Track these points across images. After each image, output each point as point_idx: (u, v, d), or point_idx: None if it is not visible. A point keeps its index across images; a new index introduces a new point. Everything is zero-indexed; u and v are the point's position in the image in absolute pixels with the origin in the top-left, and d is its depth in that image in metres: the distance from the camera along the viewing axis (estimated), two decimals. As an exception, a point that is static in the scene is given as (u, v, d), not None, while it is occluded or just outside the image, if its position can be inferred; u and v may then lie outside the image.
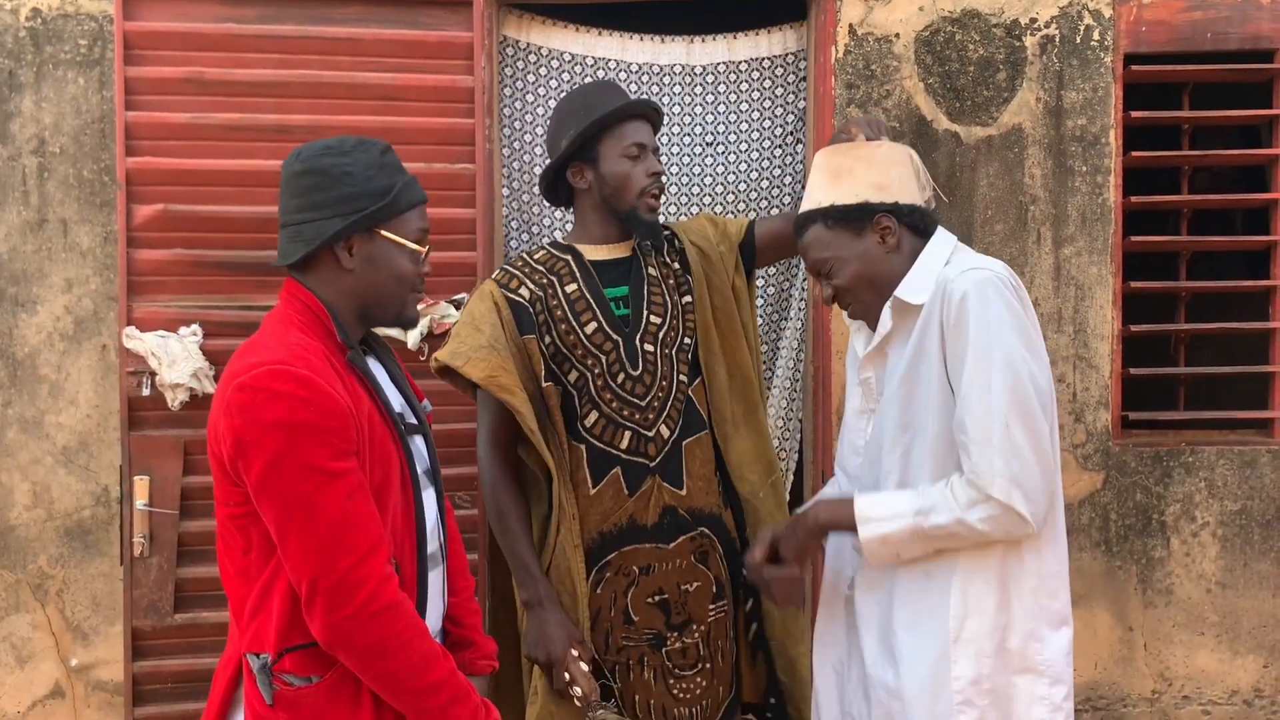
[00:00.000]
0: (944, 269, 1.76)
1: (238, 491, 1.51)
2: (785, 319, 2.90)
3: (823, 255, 1.84)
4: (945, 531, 1.68)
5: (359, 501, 1.49)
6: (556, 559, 2.14)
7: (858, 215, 1.81)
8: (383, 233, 1.62)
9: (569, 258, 2.21)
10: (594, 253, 2.23)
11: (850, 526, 1.77)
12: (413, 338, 2.58)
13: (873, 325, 1.86)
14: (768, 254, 2.35)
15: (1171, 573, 2.81)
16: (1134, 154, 2.79)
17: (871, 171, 1.81)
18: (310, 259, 1.61)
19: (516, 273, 2.21)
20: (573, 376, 2.15)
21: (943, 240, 1.83)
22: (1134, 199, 2.81)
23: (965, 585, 1.71)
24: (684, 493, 2.18)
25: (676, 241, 2.28)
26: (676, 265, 2.25)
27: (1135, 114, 2.79)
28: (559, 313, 2.14)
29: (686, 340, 2.21)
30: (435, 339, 2.57)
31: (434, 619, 1.71)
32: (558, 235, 2.83)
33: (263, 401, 1.45)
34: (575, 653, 2.05)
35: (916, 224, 1.83)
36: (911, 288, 1.79)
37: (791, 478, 2.90)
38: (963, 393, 1.66)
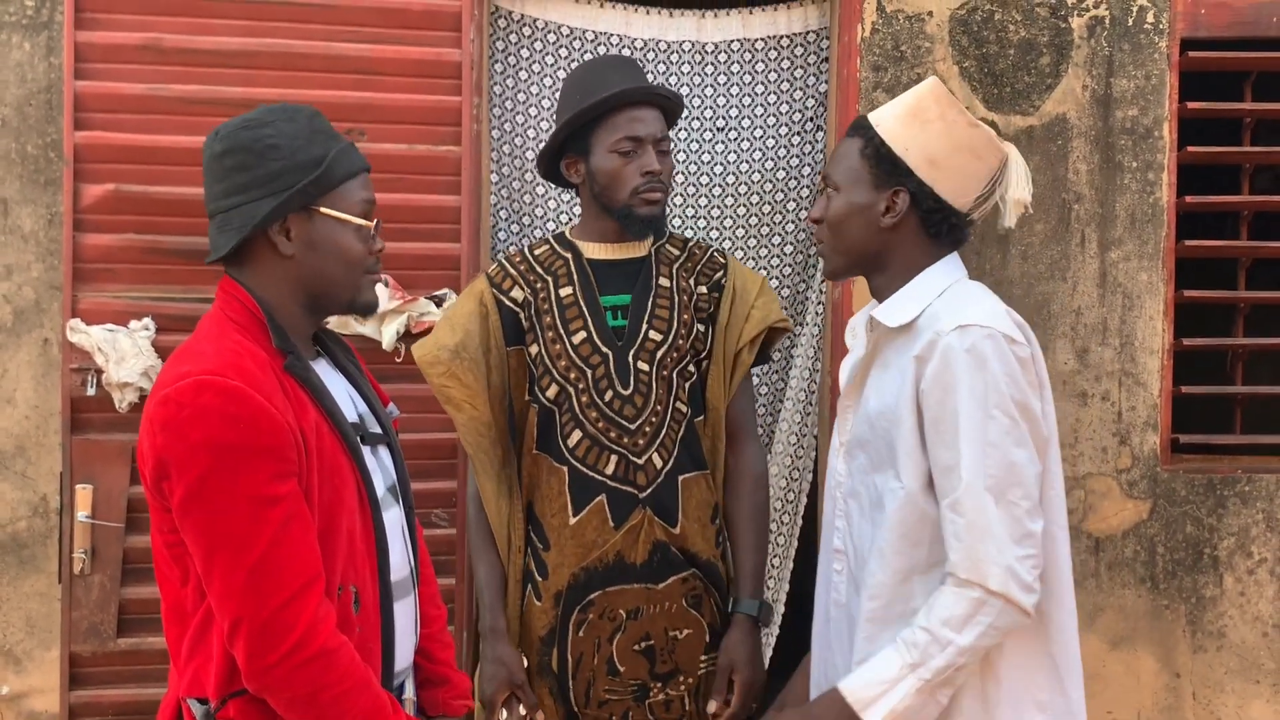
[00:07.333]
0: (936, 301, 1.66)
1: (170, 516, 1.44)
2: (801, 325, 2.78)
3: (835, 171, 1.75)
4: (951, 668, 1.58)
5: (294, 531, 1.42)
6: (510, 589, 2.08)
7: (888, 169, 1.69)
8: (321, 209, 1.53)
9: (569, 256, 2.11)
10: (594, 251, 2.11)
11: (853, 716, 1.63)
12: (388, 337, 2.48)
13: (829, 274, 1.81)
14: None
15: (1224, 613, 2.71)
16: (1190, 149, 2.71)
17: (940, 143, 1.67)
18: (245, 249, 1.53)
19: (512, 271, 2.12)
20: (552, 392, 2.06)
21: (948, 270, 1.72)
22: (1189, 199, 2.73)
23: None
24: (678, 531, 2.06)
25: (724, 276, 2.13)
26: (704, 290, 2.11)
27: (1192, 105, 2.70)
28: (548, 319, 2.05)
29: (690, 368, 2.08)
30: (413, 338, 2.47)
31: (403, 654, 1.64)
32: (551, 227, 2.74)
33: (187, 418, 1.38)
34: (518, 701, 1.98)
35: (930, 226, 1.70)
36: (891, 309, 1.69)
37: (804, 499, 2.80)
38: (957, 474, 1.57)
